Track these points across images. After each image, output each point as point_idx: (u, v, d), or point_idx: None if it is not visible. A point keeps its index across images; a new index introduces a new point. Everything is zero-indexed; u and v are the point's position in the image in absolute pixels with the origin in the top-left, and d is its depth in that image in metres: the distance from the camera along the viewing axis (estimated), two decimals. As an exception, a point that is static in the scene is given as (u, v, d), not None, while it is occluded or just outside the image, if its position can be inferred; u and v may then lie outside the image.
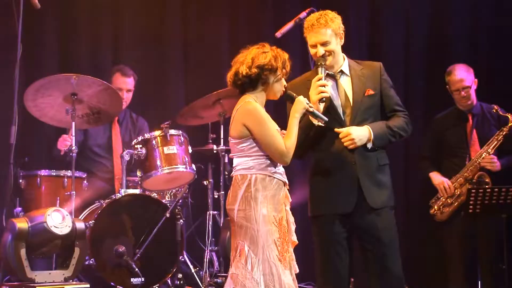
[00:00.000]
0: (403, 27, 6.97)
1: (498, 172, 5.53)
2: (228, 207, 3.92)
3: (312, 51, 4.20)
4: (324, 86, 4.04)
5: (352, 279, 5.33)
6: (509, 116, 5.52)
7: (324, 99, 4.02)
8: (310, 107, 3.95)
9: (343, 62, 4.24)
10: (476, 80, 5.70)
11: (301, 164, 6.81)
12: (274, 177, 3.89)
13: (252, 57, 3.90)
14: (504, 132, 5.50)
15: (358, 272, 4.84)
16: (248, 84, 3.92)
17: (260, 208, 3.81)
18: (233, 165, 3.96)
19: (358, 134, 4.09)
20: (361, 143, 4.09)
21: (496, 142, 5.51)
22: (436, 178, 5.66)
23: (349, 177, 4.11)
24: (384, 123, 4.20)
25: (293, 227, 3.97)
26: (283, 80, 3.96)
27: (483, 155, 5.50)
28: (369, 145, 4.12)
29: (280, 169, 3.94)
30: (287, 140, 3.86)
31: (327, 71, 4.15)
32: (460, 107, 5.74)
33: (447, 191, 5.56)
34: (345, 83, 4.21)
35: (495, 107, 5.60)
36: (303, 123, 4.03)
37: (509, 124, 5.49)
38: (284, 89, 3.98)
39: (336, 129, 4.10)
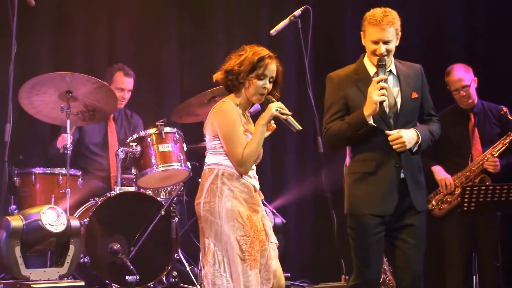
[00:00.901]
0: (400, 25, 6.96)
1: (498, 173, 5.54)
2: (196, 202, 3.88)
3: (371, 46, 4.11)
4: (385, 88, 4.01)
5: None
6: None
7: (383, 102, 4.01)
8: (283, 114, 3.84)
9: (391, 62, 4.20)
10: (475, 78, 5.70)
11: (296, 164, 6.83)
12: (243, 178, 3.83)
13: (229, 62, 3.90)
14: (511, 137, 5.51)
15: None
16: (226, 88, 3.93)
17: (224, 201, 3.77)
18: (205, 161, 3.95)
19: (409, 137, 4.06)
20: (410, 146, 4.07)
21: (502, 146, 5.52)
22: (439, 172, 5.66)
23: (392, 179, 4.07)
24: (427, 127, 4.20)
25: (270, 231, 3.91)
26: (260, 82, 3.85)
27: (487, 157, 5.51)
28: (415, 149, 4.11)
29: (251, 172, 3.88)
30: (246, 149, 3.78)
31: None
32: (461, 106, 5.75)
33: (448, 188, 5.56)
34: (393, 83, 4.17)
35: (504, 109, 5.61)
36: (353, 119, 4.03)
37: None
38: (262, 93, 3.87)
39: (386, 132, 4.06)
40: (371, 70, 4.15)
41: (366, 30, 4.14)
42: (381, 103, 4.00)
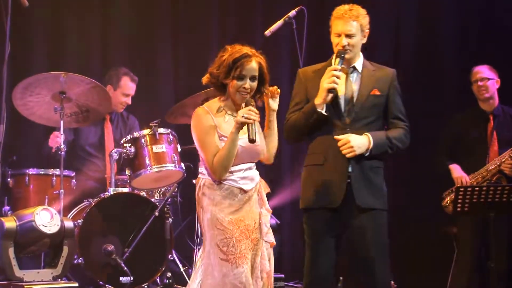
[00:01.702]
0: (392, 29, 6.95)
1: None
2: None
3: (334, 40, 4.17)
4: (338, 77, 4.04)
5: (342, 278, 5.33)
6: None
7: (333, 90, 4.03)
8: (248, 119, 3.66)
9: (357, 60, 4.22)
10: (498, 80, 5.75)
11: (290, 165, 6.83)
12: (225, 184, 3.75)
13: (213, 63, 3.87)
14: None
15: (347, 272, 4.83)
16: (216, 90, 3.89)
17: (205, 211, 3.76)
18: None
19: (358, 142, 4.08)
20: (360, 152, 4.08)
21: None
22: (456, 171, 5.69)
23: (339, 171, 4.10)
24: (385, 133, 4.20)
25: (265, 228, 3.86)
26: (239, 83, 3.73)
27: (505, 158, 5.53)
28: (366, 154, 4.11)
29: (238, 174, 3.77)
30: (216, 157, 3.69)
31: (342, 66, 4.13)
32: (480, 104, 5.80)
33: None
34: (354, 79, 4.21)
35: None
36: (306, 108, 4.09)
37: None
38: (242, 93, 3.76)
39: (335, 137, 4.10)
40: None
41: (332, 24, 4.20)
42: (332, 92, 4.03)
